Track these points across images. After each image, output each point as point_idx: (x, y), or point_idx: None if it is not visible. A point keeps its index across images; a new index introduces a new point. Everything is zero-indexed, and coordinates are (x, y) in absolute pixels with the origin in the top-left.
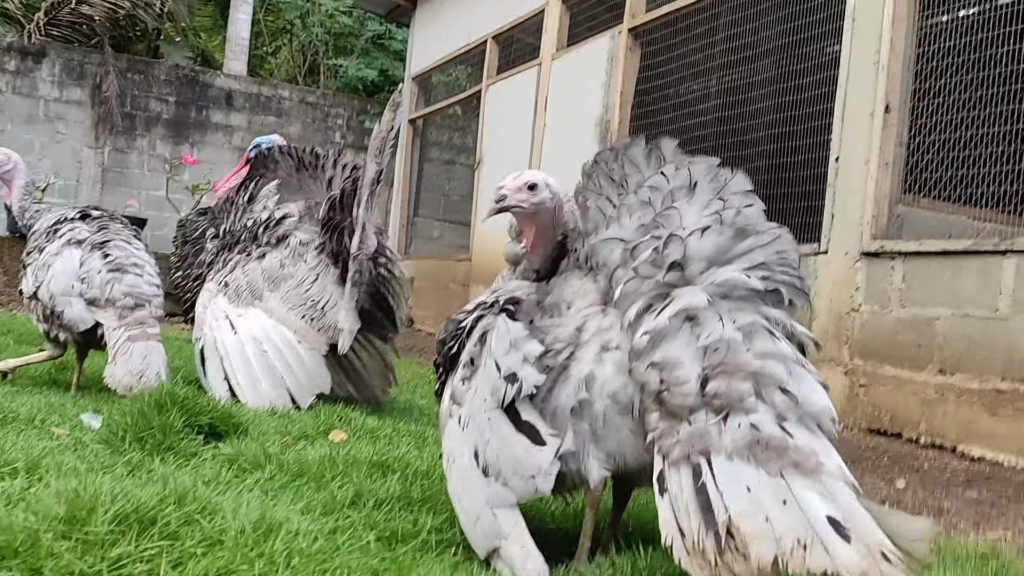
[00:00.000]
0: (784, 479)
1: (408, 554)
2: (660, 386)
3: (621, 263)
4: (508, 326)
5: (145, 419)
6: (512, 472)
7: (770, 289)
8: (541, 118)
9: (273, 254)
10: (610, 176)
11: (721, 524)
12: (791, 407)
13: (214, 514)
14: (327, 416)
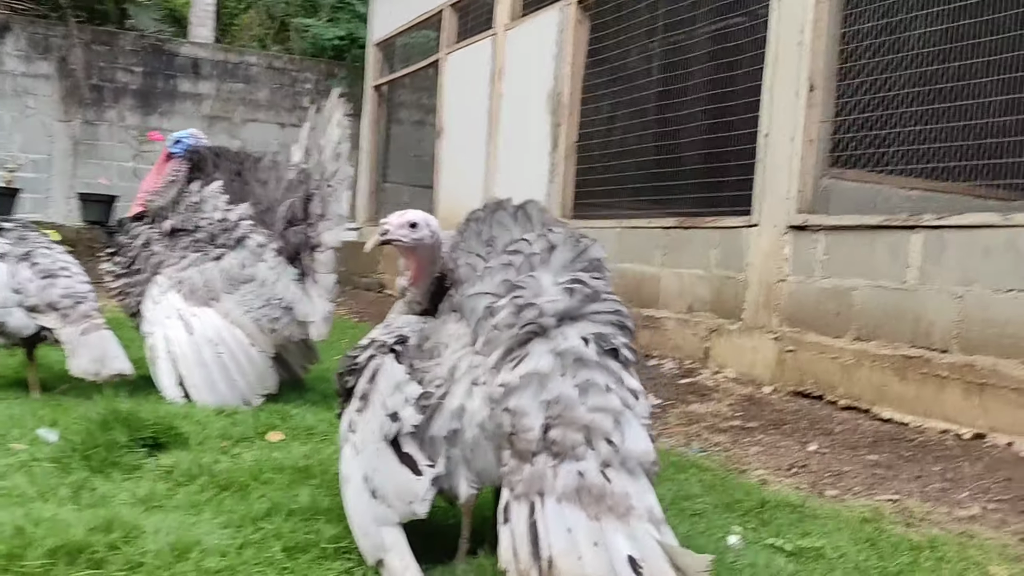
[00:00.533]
0: (599, 522)
1: (306, 564)
2: (512, 429)
3: (484, 316)
4: (393, 369)
5: (92, 437)
6: (395, 497)
7: (607, 349)
8: (497, 88)
9: (232, 256)
10: (479, 235)
11: (545, 559)
12: (614, 455)
13: (138, 538)
14: (268, 415)
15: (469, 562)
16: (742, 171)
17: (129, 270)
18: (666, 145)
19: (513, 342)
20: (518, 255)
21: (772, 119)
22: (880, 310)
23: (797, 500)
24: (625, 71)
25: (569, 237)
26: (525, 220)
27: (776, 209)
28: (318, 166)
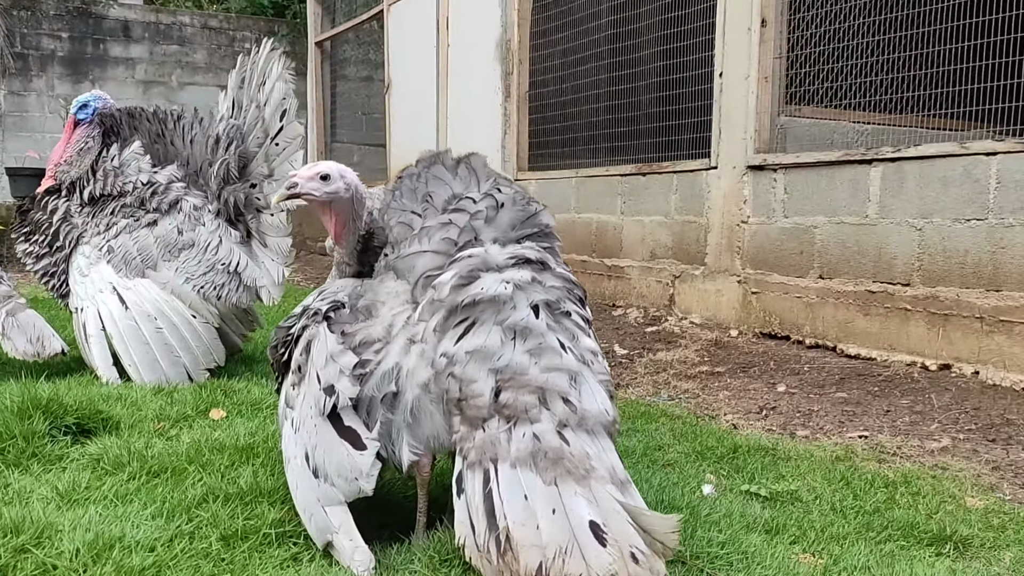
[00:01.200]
0: (557, 487)
1: (246, 552)
2: (459, 395)
3: (423, 279)
4: (327, 338)
5: (7, 427)
6: (337, 475)
7: (560, 312)
8: (444, 39)
9: (166, 220)
10: (414, 192)
11: (502, 530)
12: (571, 415)
13: (51, 538)
14: (211, 391)
15: (429, 537)
16: (699, 113)
17: (51, 248)
18: (620, 90)
19: (456, 308)
20: (461, 213)
21: (726, 58)
22: (842, 247)
23: (769, 443)
24: (573, 15)
25: (518, 198)
26: (468, 174)
27: (734, 150)
28: (257, 123)
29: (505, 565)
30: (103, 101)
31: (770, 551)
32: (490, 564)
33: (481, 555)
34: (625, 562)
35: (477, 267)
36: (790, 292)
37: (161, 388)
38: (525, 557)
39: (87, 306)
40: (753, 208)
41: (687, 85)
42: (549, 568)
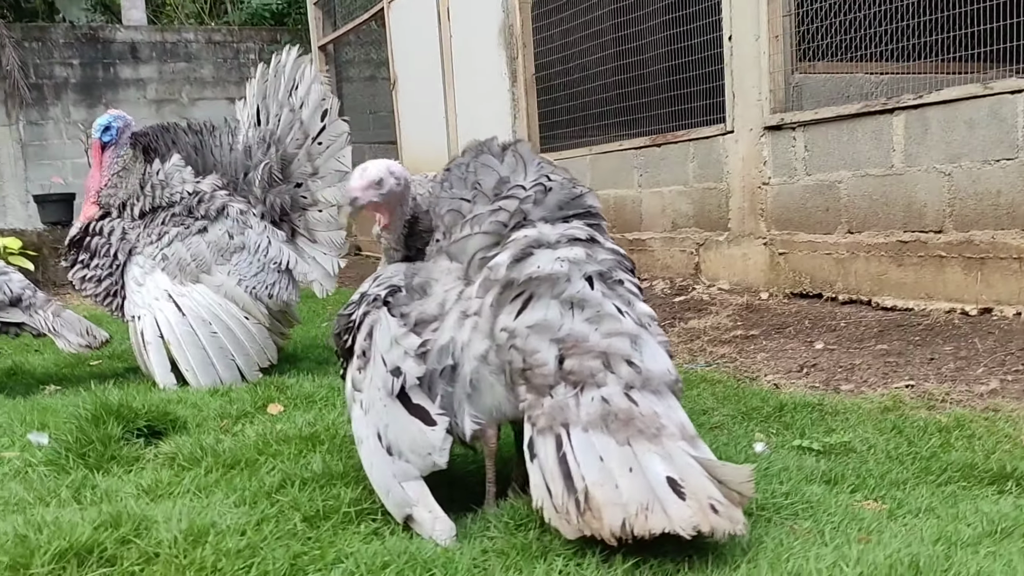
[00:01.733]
0: (631, 447)
1: (330, 530)
2: (524, 365)
3: (477, 260)
4: (389, 322)
5: (84, 434)
6: (411, 451)
7: (615, 281)
8: (446, 30)
9: (216, 226)
10: (464, 180)
11: (580, 491)
12: (636, 376)
13: (149, 529)
14: (265, 388)
15: (500, 506)
16: (710, 79)
17: (113, 268)
18: (628, 63)
19: (512, 285)
20: (511, 199)
21: (733, 20)
22: (869, 199)
23: (814, 400)
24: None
25: (565, 181)
26: (515, 161)
27: (749, 112)
28: (293, 126)
29: (585, 523)
30: (123, 120)
31: (832, 499)
32: (569, 524)
33: (560, 516)
34: (705, 514)
35: (530, 245)
36: (819, 250)
37: (217, 389)
38: (608, 515)
39: (144, 314)
40: (774, 169)
41: (696, 52)
42: (632, 524)
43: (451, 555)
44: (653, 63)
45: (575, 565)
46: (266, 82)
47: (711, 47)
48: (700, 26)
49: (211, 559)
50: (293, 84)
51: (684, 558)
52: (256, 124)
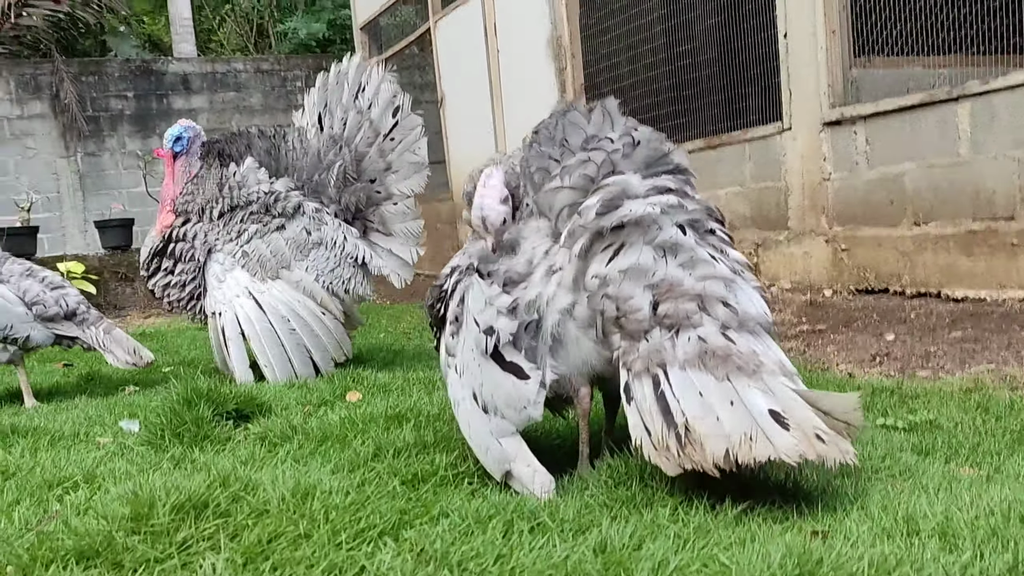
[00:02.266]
0: (730, 382)
1: (430, 491)
2: (617, 313)
3: (566, 211)
4: (481, 286)
5: (178, 416)
6: (506, 406)
7: (706, 230)
8: (493, 45)
9: (294, 223)
10: (551, 139)
11: (680, 425)
12: (733, 317)
13: (256, 489)
14: (341, 380)
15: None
16: (765, 78)
17: (195, 272)
18: (679, 66)
19: (602, 232)
20: (599, 152)
21: (788, 17)
22: (935, 190)
23: (892, 384)
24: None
25: (653, 137)
26: (602, 118)
27: (807, 108)
28: (361, 126)
29: (686, 457)
30: (193, 130)
31: (928, 466)
32: (669, 459)
33: (660, 452)
34: (811, 442)
35: (619, 194)
36: (883, 244)
37: (295, 382)
38: (710, 445)
39: (224, 310)
40: (834, 164)
41: (749, 51)
42: (736, 453)
43: (556, 505)
44: (705, 65)
45: (683, 512)
46: (327, 90)
47: (764, 46)
48: (752, 25)
49: (321, 512)
50: (359, 87)
51: (792, 505)
52: (319, 130)
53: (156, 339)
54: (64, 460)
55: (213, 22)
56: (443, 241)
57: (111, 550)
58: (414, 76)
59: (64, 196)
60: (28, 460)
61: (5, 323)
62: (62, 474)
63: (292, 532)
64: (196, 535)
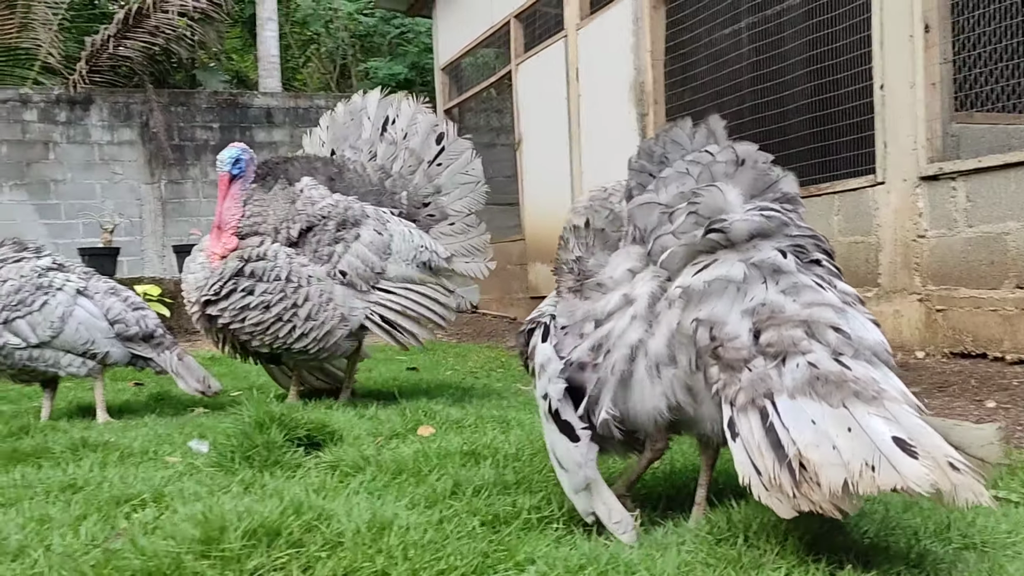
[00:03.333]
0: (847, 408)
1: (513, 534)
2: (712, 342)
3: (658, 224)
4: (541, 349)
5: (249, 439)
6: (568, 465)
7: (810, 260)
8: (574, 89)
9: (365, 229)
10: (651, 156)
11: (793, 457)
12: (846, 343)
13: (330, 519)
14: (413, 413)
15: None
16: (858, 128)
17: (286, 292)
18: (766, 116)
19: (693, 252)
20: (697, 165)
21: (886, 68)
22: None
23: None
24: (712, 47)
25: (760, 159)
26: (705, 136)
27: (903, 162)
28: (397, 156)
29: (803, 496)
30: (248, 153)
31: None
32: (783, 500)
33: (771, 492)
34: (945, 472)
35: (716, 210)
36: (982, 306)
37: (364, 413)
38: (826, 476)
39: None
40: (930, 221)
41: (841, 102)
42: (856, 484)
43: (654, 560)
44: (794, 114)
45: None
46: (341, 126)
47: (858, 96)
48: (845, 76)
49: (399, 548)
50: (386, 120)
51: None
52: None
53: (225, 364)
54: (132, 477)
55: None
56: (512, 282)
57: (179, 573)
58: (491, 119)
59: (146, 221)
60: (97, 475)
61: (88, 338)
62: (130, 491)
63: (368, 568)
64: (268, 564)
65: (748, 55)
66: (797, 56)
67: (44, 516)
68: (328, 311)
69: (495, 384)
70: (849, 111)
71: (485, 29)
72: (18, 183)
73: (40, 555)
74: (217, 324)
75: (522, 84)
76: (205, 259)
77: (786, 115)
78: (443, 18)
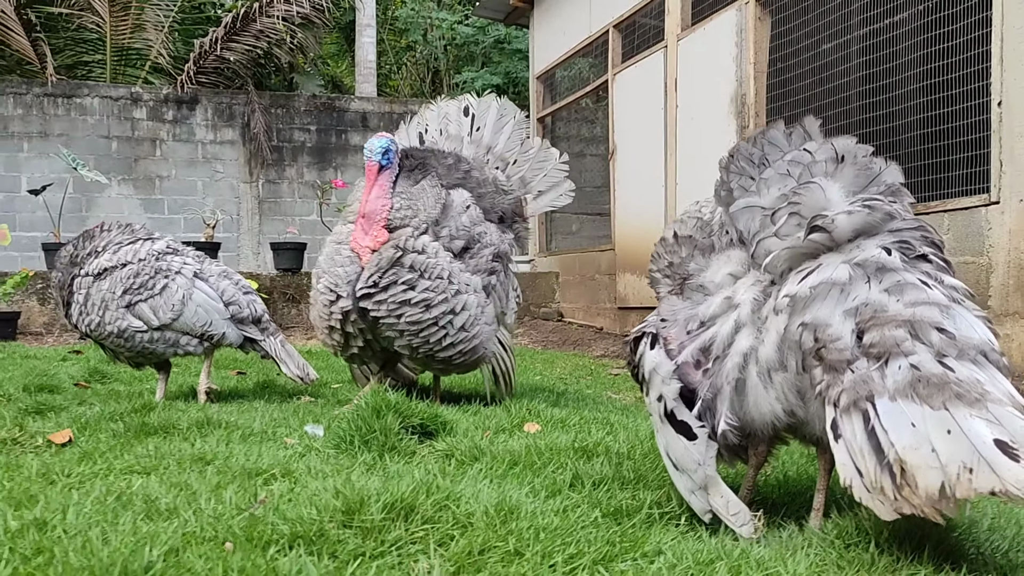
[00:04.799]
0: (948, 410)
1: (637, 526)
2: (816, 344)
3: (760, 227)
4: (649, 356)
5: (367, 424)
6: (685, 465)
7: (916, 255)
8: (672, 100)
9: (490, 228)
10: (750, 159)
11: (893, 461)
12: (950, 343)
13: (459, 500)
14: (517, 410)
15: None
16: (972, 146)
17: (448, 292)
18: (872, 132)
19: (796, 254)
20: (797, 165)
21: (1006, 85)
22: None
23: None
24: (817, 60)
25: (860, 153)
26: (802, 137)
27: (1019, 182)
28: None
29: (904, 499)
30: (395, 143)
31: None
32: (884, 503)
33: (872, 494)
34: None
35: (817, 210)
36: None
37: (468, 407)
38: (924, 479)
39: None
40: None
41: (955, 118)
42: (953, 487)
43: (785, 558)
44: (903, 130)
45: None
46: (444, 121)
47: (972, 114)
48: (959, 93)
49: (528, 532)
50: (498, 121)
51: None
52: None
53: (321, 358)
54: (256, 454)
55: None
56: (599, 291)
57: (324, 539)
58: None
59: (243, 218)
60: (223, 450)
61: (206, 320)
62: (259, 465)
63: (502, 548)
64: (406, 537)
65: (857, 70)
66: (909, 71)
67: (183, 483)
68: (480, 326)
69: (586, 390)
70: (963, 128)
71: (583, 38)
72: (126, 178)
73: (191, 515)
74: (369, 318)
75: (618, 94)
76: (350, 252)
77: (895, 130)
78: (540, 27)
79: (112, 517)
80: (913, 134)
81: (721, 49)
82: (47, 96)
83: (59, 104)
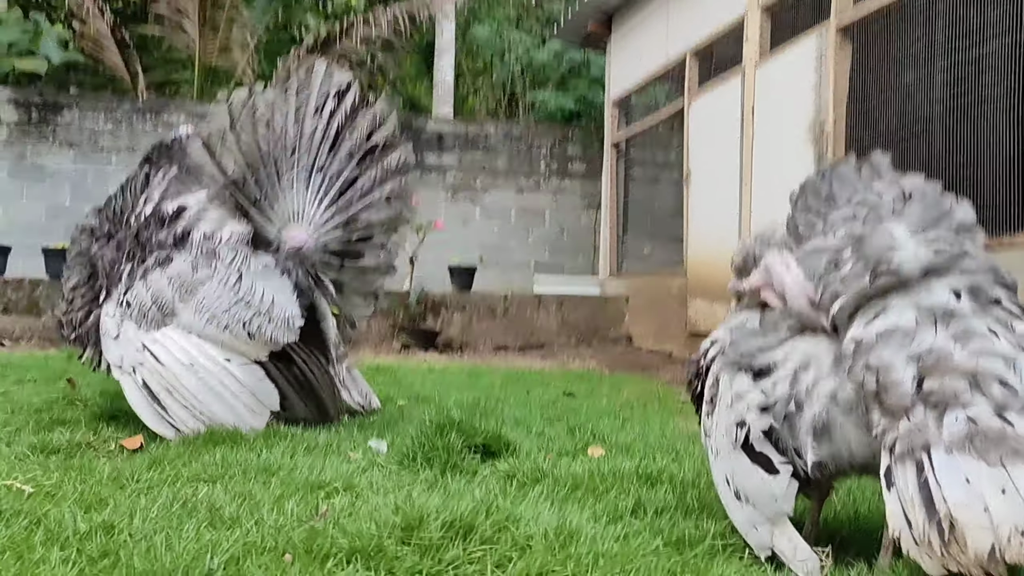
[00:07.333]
0: (1004, 467)
1: (700, 557)
2: (876, 387)
3: (826, 272)
4: (732, 376)
5: (430, 441)
6: (756, 497)
7: (988, 300)
8: (749, 127)
9: (180, 257)
10: (818, 194)
11: (943, 516)
12: (1012, 398)
13: (518, 522)
14: (581, 433)
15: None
16: None
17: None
18: (959, 162)
19: (863, 297)
20: (863, 207)
21: None
22: None
23: None
24: (899, 86)
25: (928, 190)
26: (871, 174)
27: None
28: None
29: (951, 556)
30: None
31: None
32: (931, 557)
33: (920, 548)
34: None
35: (885, 252)
36: None
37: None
38: (973, 540)
39: (136, 376)
40: None
41: None
42: (1004, 550)
43: None
44: (989, 161)
45: None
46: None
47: None
48: None
49: (587, 557)
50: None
51: None
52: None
53: (388, 373)
54: (320, 466)
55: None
56: (670, 316)
57: (382, 555)
58: (656, 154)
59: None
60: (288, 461)
61: None
62: (322, 478)
63: (560, 572)
64: (464, 557)
65: (941, 101)
66: (998, 103)
67: (247, 492)
68: None
69: (652, 416)
70: None
71: (660, 64)
72: None
73: (252, 525)
74: None
75: (694, 120)
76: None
77: (981, 162)
78: (616, 52)
79: (177, 523)
80: (1000, 165)
81: (800, 76)
82: (136, 112)
83: (147, 120)
